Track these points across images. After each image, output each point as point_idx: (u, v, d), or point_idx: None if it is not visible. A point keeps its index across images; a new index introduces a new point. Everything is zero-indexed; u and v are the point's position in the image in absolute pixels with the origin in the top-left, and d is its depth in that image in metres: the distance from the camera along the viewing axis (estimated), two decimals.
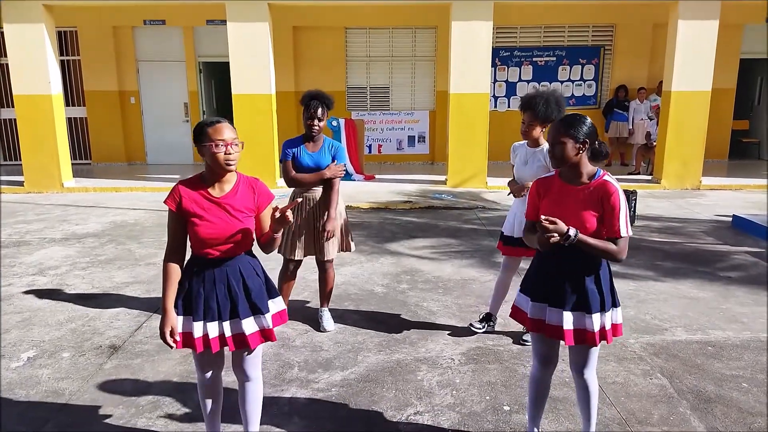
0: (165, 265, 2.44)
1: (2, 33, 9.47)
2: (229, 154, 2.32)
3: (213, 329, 2.42)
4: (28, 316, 4.48)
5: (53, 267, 5.69)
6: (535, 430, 2.80)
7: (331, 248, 4.10)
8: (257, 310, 2.46)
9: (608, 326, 2.49)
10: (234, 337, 2.45)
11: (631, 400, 3.27)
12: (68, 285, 5.18)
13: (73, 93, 12.16)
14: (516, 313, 2.70)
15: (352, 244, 4.29)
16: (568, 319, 2.47)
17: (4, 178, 10.70)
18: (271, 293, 2.56)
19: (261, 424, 2.78)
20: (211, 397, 2.66)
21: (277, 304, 2.58)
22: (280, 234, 2.46)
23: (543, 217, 2.33)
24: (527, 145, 3.83)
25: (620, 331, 2.57)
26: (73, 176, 10.13)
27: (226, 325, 2.43)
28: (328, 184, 4.03)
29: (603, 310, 2.46)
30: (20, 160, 9.86)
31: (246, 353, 2.53)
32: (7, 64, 9.94)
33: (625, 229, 2.39)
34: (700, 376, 3.53)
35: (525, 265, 3.52)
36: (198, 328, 2.41)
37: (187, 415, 3.13)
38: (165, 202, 2.42)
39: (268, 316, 2.49)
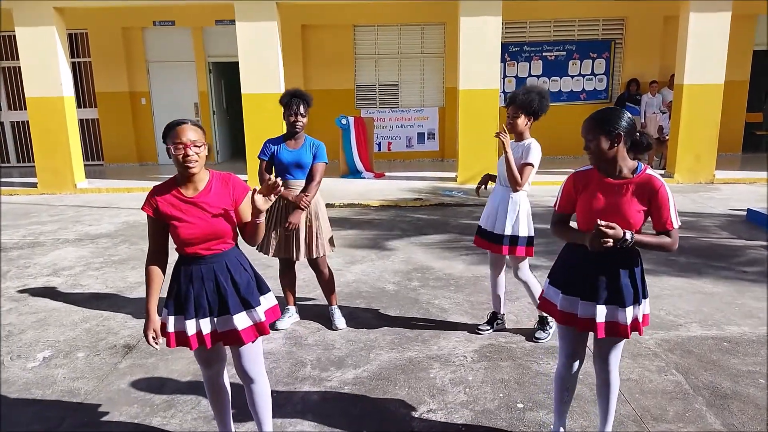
0: (146, 269, 2.48)
1: (14, 36, 9.55)
2: (188, 155, 2.32)
3: (205, 326, 2.44)
4: (43, 316, 4.53)
5: (67, 267, 5.74)
6: (561, 429, 2.77)
7: (318, 246, 4.05)
8: (248, 305, 2.47)
9: (640, 318, 2.47)
10: (227, 333, 2.46)
11: (646, 397, 3.24)
12: (82, 285, 5.23)
13: (84, 95, 12.26)
14: (545, 305, 2.67)
15: (320, 249, 4.09)
16: (601, 312, 2.43)
17: (17, 179, 10.82)
18: (262, 288, 2.56)
19: (274, 419, 2.79)
20: (217, 392, 2.68)
21: (268, 300, 2.58)
22: (263, 219, 2.43)
23: (601, 222, 2.25)
24: (514, 141, 3.85)
25: (648, 320, 2.55)
26: (86, 177, 10.22)
27: (218, 321, 2.45)
28: (308, 176, 3.99)
29: (636, 302, 2.45)
30: (33, 161, 9.96)
31: (241, 350, 2.50)
32: (19, 67, 10.05)
33: (676, 221, 2.37)
34: (716, 372, 3.49)
35: (530, 264, 3.50)
36: (191, 326, 2.42)
37: (201, 414, 3.14)
38: (142, 208, 2.45)
39: (260, 310, 2.49)
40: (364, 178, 10.53)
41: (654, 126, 10.84)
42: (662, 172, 10.29)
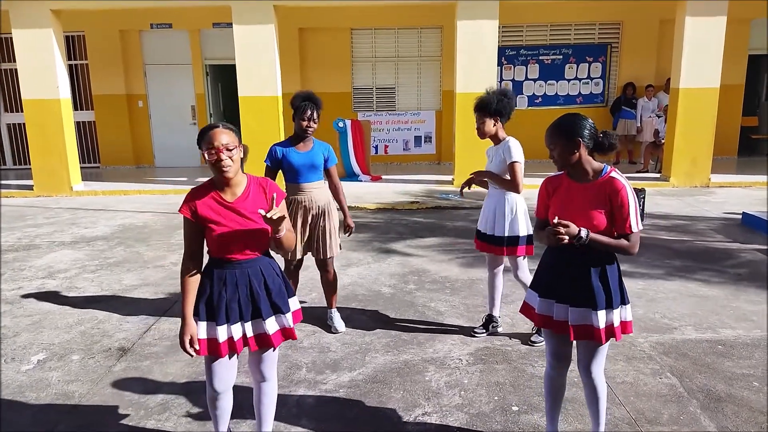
0: (183, 273, 2.44)
1: (11, 38, 9.53)
2: (222, 160, 2.30)
3: (237, 331, 2.44)
4: (38, 319, 4.51)
5: (63, 270, 5.73)
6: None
7: (331, 247, 4.09)
8: (278, 310, 2.49)
9: (616, 323, 2.47)
10: (256, 337, 2.47)
11: (640, 400, 3.25)
12: (77, 288, 5.22)
13: (81, 97, 12.24)
14: (525, 310, 2.71)
15: (334, 249, 4.17)
16: (572, 315, 2.47)
17: (13, 182, 10.79)
18: (289, 292, 2.59)
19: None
20: (220, 406, 2.61)
21: (294, 303, 2.61)
22: (283, 234, 2.39)
23: (555, 220, 2.32)
24: (493, 144, 3.88)
25: (630, 328, 2.55)
26: (82, 179, 10.20)
27: (248, 325, 2.46)
28: (332, 186, 4.09)
29: (610, 307, 2.45)
30: (29, 164, 9.94)
31: (264, 353, 2.54)
32: (15, 69, 10.04)
33: (635, 225, 2.38)
34: (711, 375, 3.50)
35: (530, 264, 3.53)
36: (222, 332, 2.41)
37: (196, 417, 3.14)
38: (180, 211, 2.42)
39: (289, 315, 2.53)
40: (361, 181, 10.54)
41: (650, 130, 10.88)
42: (658, 175, 10.32)
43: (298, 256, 4.10)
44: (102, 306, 4.76)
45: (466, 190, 3.90)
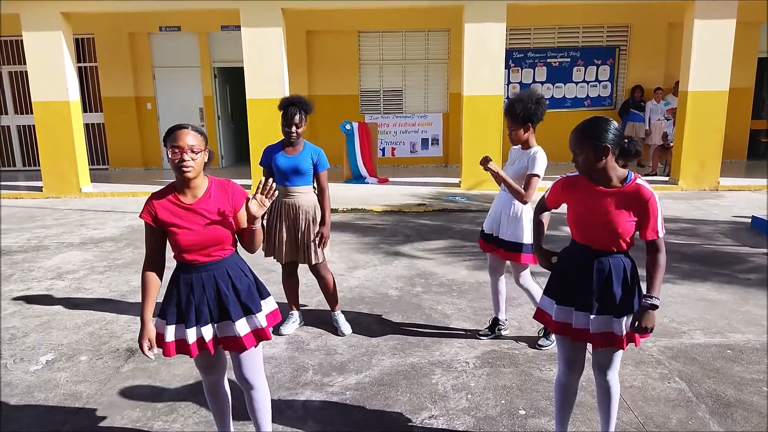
0: (143, 277, 2.45)
1: (21, 41, 9.62)
2: (184, 160, 2.29)
3: (207, 332, 2.43)
4: (47, 319, 4.54)
5: (71, 271, 5.76)
6: None
7: (320, 253, 4.04)
8: (249, 311, 2.46)
9: None
10: (228, 339, 2.45)
11: (648, 404, 3.23)
12: (86, 289, 5.25)
13: (90, 99, 12.33)
14: (540, 316, 2.67)
15: (320, 255, 4.08)
16: (594, 323, 2.44)
17: (23, 183, 10.87)
18: (262, 293, 2.55)
19: (276, 425, 2.79)
20: (217, 397, 2.68)
21: (268, 304, 2.57)
22: (258, 226, 2.41)
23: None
24: (520, 148, 3.82)
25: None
26: (91, 181, 10.26)
27: (218, 327, 2.44)
28: (318, 190, 4.02)
29: (630, 312, 2.43)
30: (39, 165, 10.01)
31: (242, 356, 2.50)
32: (25, 71, 10.12)
33: (661, 231, 2.37)
34: (720, 380, 3.48)
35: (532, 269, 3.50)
36: (191, 334, 2.41)
37: (202, 419, 3.14)
38: (140, 216, 2.43)
39: (261, 316, 2.49)
40: (368, 183, 10.54)
41: (659, 133, 10.83)
42: (666, 178, 10.27)
43: (284, 260, 4.07)
44: (110, 307, 4.78)
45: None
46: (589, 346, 2.58)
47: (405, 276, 5.48)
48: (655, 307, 2.34)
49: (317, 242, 3.99)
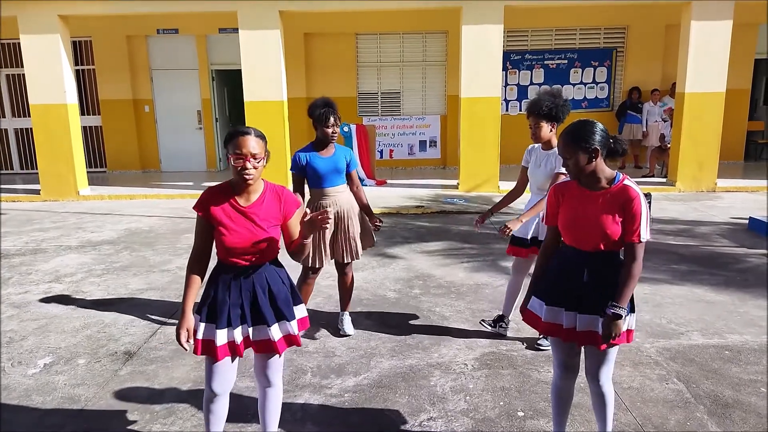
0: (188, 271, 2.47)
1: (19, 43, 9.61)
2: (246, 168, 2.32)
3: (239, 334, 2.44)
4: (45, 323, 4.53)
5: (69, 274, 5.75)
6: None
7: (354, 250, 4.08)
8: (282, 316, 2.48)
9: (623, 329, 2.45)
10: (260, 342, 2.48)
11: (647, 405, 3.23)
12: (84, 292, 5.24)
13: (88, 102, 12.31)
14: (529, 318, 2.68)
15: (358, 253, 4.17)
16: (580, 322, 2.45)
17: (20, 186, 10.86)
18: (296, 300, 2.59)
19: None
20: (217, 410, 2.58)
21: (300, 311, 2.61)
22: (310, 240, 2.45)
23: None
24: (541, 148, 3.82)
25: (631, 337, 2.52)
26: (89, 184, 10.24)
27: (252, 330, 2.46)
28: (353, 189, 4.10)
29: None
30: (36, 168, 10.00)
31: (270, 359, 2.55)
32: (23, 74, 10.11)
33: (645, 234, 2.36)
34: (718, 381, 3.48)
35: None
36: (221, 336, 2.41)
37: (201, 421, 3.14)
38: (194, 207, 2.45)
39: (294, 323, 2.52)
40: (366, 185, 10.53)
41: (656, 134, 10.86)
42: (664, 180, 10.29)
43: (325, 264, 4.03)
44: (108, 310, 4.77)
45: (481, 224, 3.87)
46: (584, 352, 2.58)
47: (403, 278, 5.48)
48: (618, 316, 2.34)
49: (377, 230, 4.17)
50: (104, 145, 12.38)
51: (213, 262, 2.53)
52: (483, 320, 4.17)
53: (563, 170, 3.64)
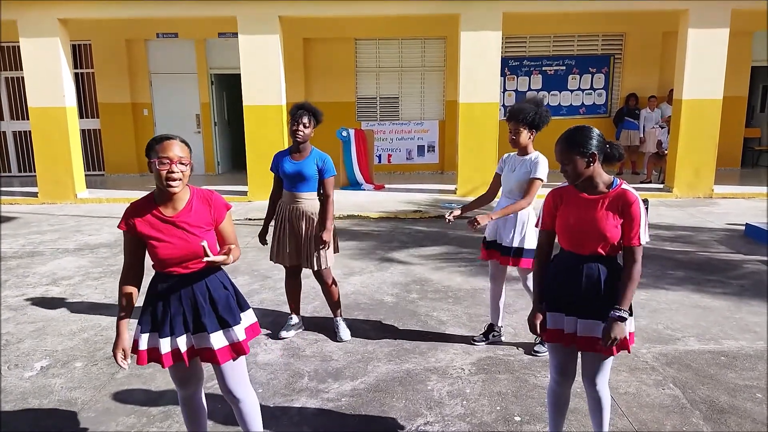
0: (120, 287, 2.42)
1: (18, 47, 9.62)
2: (172, 172, 2.24)
3: (182, 343, 2.38)
4: (42, 326, 4.53)
5: (66, 277, 5.74)
6: None
7: (324, 258, 4.06)
8: (225, 324, 2.41)
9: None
10: (203, 350, 2.41)
11: (643, 411, 3.24)
12: (81, 295, 5.23)
13: (86, 105, 12.32)
14: (551, 335, 2.61)
15: (324, 261, 4.09)
16: (580, 326, 2.46)
17: (18, 189, 10.85)
18: (242, 306, 2.51)
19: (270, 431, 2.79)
20: (192, 411, 2.61)
21: (248, 317, 2.52)
22: (230, 262, 2.32)
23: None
24: (517, 155, 3.88)
25: (632, 340, 2.54)
26: (87, 187, 10.25)
27: (195, 338, 2.40)
28: (324, 196, 4.02)
29: None
30: (34, 171, 9.99)
31: (224, 369, 2.44)
32: (22, 77, 10.12)
33: (644, 237, 2.39)
34: (713, 387, 3.49)
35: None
36: (165, 344, 2.36)
37: None
38: (118, 226, 2.38)
39: (238, 329, 2.43)
40: (364, 189, 10.56)
41: (653, 140, 10.90)
42: (661, 186, 10.32)
43: (288, 263, 4.12)
44: (105, 313, 4.77)
45: (453, 217, 3.81)
46: (580, 356, 2.59)
47: (401, 282, 5.49)
48: (623, 319, 2.36)
49: (321, 247, 4.01)
50: (103, 149, 12.38)
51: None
52: (474, 339, 4.14)
53: (540, 176, 3.73)
